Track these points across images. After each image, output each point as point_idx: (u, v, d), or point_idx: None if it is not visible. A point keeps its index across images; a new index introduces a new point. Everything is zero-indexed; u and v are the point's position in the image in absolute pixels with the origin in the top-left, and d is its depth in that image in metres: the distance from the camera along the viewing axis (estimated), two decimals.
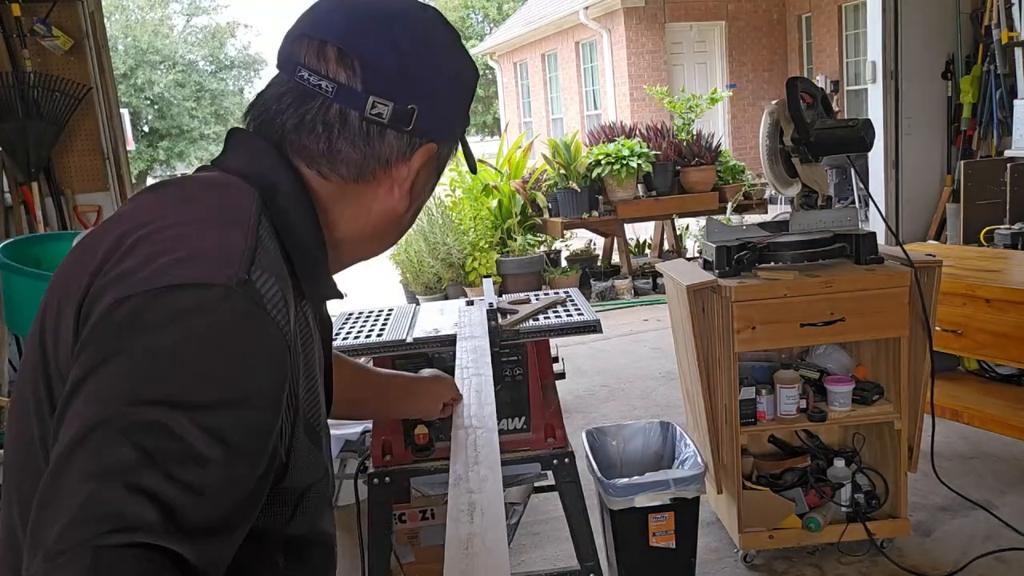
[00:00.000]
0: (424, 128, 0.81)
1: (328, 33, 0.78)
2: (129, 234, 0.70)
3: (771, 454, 2.74)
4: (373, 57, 0.78)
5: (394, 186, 0.83)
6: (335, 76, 0.77)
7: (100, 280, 0.68)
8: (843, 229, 2.52)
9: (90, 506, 0.56)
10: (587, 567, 2.11)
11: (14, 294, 2.56)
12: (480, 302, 2.23)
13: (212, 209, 0.73)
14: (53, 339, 0.71)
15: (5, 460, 0.76)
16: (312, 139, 0.79)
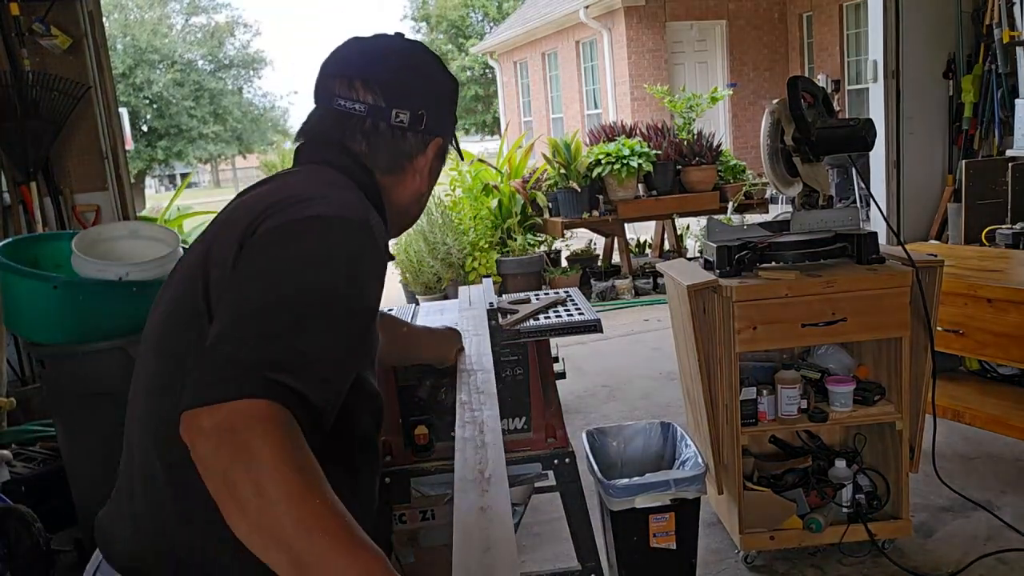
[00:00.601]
0: (432, 127, 1.10)
1: (351, 71, 1.08)
2: (272, 200, 0.95)
3: (772, 454, 2.73)
4: (388, 81, 1.07)
5: (416, 173, 1.12)
6: (364, 99, 1.06)
7: (259, 225, 0.91)
8: (844, 229, 2.51)
9: (258, 351, 0.79)
10: (588, 568, 2.10)
11: (13, 294, 2.55)
12: (478, 295, 2.22)
13: (329, 183, 1.01)
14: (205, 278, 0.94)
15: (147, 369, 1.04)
16: (356, 148, 1.07)
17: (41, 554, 2.64)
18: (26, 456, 3.11)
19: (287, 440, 0.75)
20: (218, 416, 0.75)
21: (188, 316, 0.94)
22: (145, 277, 2.55)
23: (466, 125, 24.39)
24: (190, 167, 25.49)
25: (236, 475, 0.73)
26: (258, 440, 0.74)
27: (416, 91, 1.09)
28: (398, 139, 1.08)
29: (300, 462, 0.75)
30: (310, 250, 0.88)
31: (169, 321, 0.98)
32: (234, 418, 0.75)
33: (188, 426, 0.77)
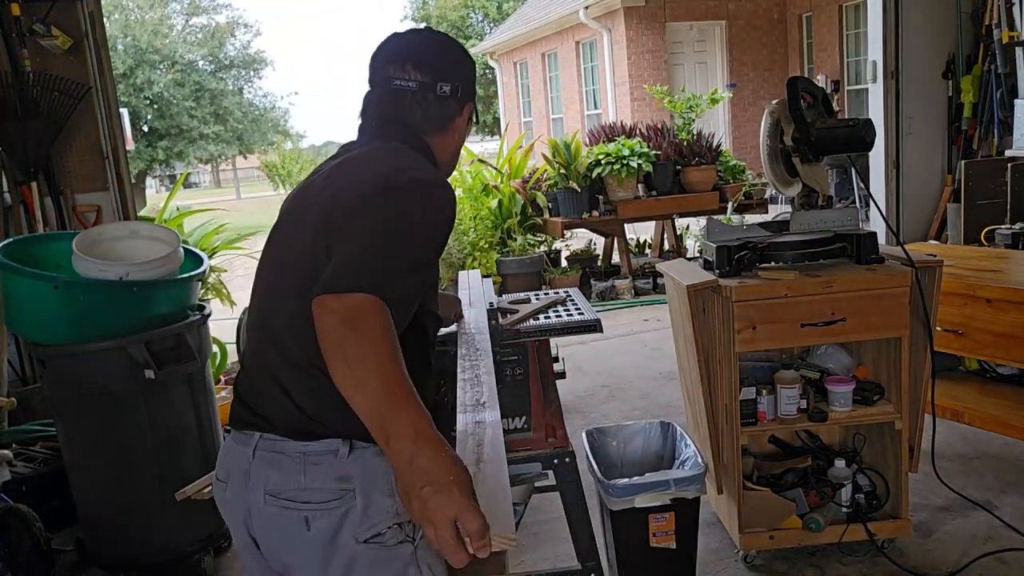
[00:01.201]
0: (465, 95, 1.44)
1: (401, 57, 1.41)
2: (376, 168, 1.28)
3: (772, 454, 2.73)
4: (432, 63, 1.40)
5: (455, 132, 1.45)
6: (415, 77, 1.39)
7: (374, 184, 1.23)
8: (844, 229, 2.52)
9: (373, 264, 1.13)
10: (587, 567, 2.10)
11: (14, 294, 2.55)
12: (477, 286, 2.23)
13: (405, 154, 1.34)
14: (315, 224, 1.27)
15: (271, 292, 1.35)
16: (413, 115, 1.39)
17: (42, 553, 2.64)
18: (27, 456, 3.11)
19: (386, 327, 1.09)
20: (344, 302, 1.09)
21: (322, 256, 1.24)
22: (145, 277, 2.55)
23: None
24: (190, 167, 25.49)
25: (348, 342, 1.06)
26: (369, 321, 1.07)
27: (452, 68, 1.42)
28: (443, 106, 1.41)
29: (391, 343, 1.08)
30: (413, 203, 1.23)
31: (310, 259, 1.26)
32: (353, 304, 1.08)
33: (321, 304, 1.10)
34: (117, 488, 2.61)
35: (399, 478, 1.03)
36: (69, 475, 2.70)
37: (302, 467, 1.26)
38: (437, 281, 1.43)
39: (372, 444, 1.19)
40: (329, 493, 1.25)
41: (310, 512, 1.25)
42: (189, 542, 2.69)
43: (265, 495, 1.28)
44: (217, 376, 4.22)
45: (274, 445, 1.28)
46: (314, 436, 1.26)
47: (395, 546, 1.27)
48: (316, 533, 1.26)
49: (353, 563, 1.26)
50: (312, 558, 1.27)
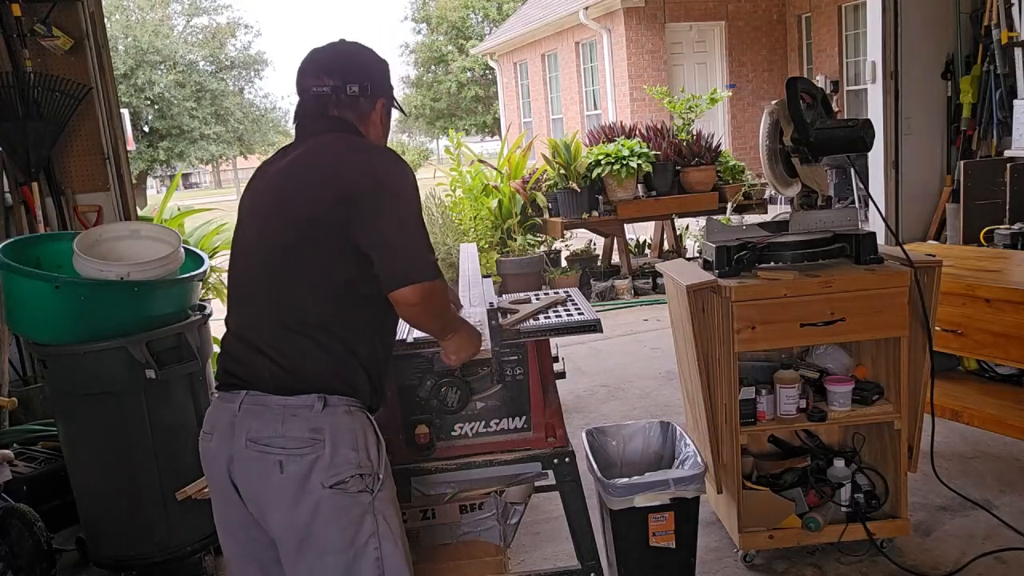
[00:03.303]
0: (375, 92, 1.68)
1: (315, 68, 1.66)
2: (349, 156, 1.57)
3: (771, 454, 2.74)
4: (341, 68, 1.65)
5: (372, 125, 1.69)
6: (327, 83, 1.63)
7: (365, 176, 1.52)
8: (843, 229, 2.52)
9: (422, 249, 1.52)
10: (587, 566, 2.11)
11: (15, 294, 2.55)
12: (479, 297, 2.23)
13: (364, 143, 1.64)
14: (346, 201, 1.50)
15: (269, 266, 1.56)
16: (338, 111, 1.63)
17: (43, 553, 2.65)
18: (28, 456, 3.12)
19: (445, 294, 1.59)
20: (419, 292, 1.49)
21: (313, 211, 1.50)
22: (146, 277, 2.56)
23: (466, 126, 24.39)
24: (191, 167, 25.48)
25: (431, 314, 1.59)
26: (437, 297, 1.55)
27: (358, 71, 1.65)
28: (355, 103, 1.65)
29: (449, 301, 1.67)
30: (406, 186, 1.54)
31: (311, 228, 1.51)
32: (428, 290, 1.51)
33: (402, 297, 1.50)
34: (118, 488, 2.62)
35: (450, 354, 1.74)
36: (70, 475, 2.70)
37: (281, 417, 1.49)
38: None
39: (343, 402, 1.52)
40: (302, 441, 1.48)
41: (284, 456, 1.48)
42: (189, 542, 2.70)
43: (246, 441, 1.50)
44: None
45: (257, 399, 1.51)
46: (294, 392, 1.50)
47: (355, 494, 1.51)
48: (288, 476, 1.48)
49: (319, 506, 1.48)
50: (284, 499, 1.49)
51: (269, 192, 1.61)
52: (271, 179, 1.63)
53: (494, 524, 2.25)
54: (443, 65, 24.72)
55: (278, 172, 1.62)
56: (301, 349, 1.51)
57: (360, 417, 1.55)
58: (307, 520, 1.49)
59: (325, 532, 1.50)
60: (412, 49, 26.05)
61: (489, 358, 1.98)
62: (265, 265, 1.55)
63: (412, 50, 26.04)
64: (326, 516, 1.49)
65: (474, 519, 2.25)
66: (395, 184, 1.52)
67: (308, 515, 1.49)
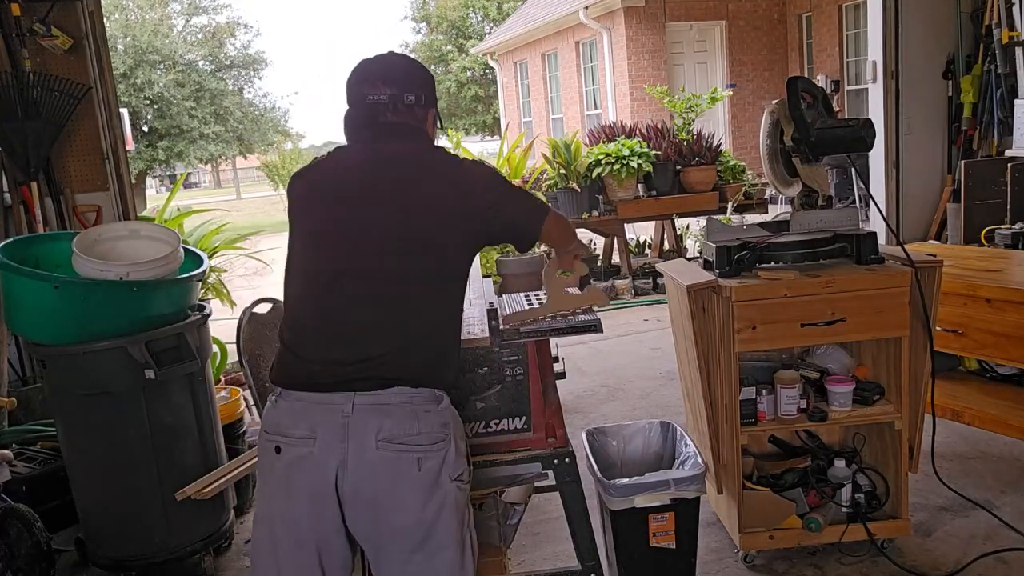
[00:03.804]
0: (427, 103, 1.73)
1: (374, 78, 1.69)
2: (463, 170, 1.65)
3: (771, 454, 2.73)
4: (399, 79, 1.69)
5: (426, 131, 1.73)
6: (385, 92, 1.67)
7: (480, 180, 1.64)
8: (843, 229, 2.52)
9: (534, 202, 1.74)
10: (587, 567, 2.10)
11: (14, 294, 2.55)
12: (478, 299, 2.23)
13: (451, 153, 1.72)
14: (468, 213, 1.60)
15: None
16: (397, 118, 1.67)
17: (42, 553, 2.64)
18: (27, 456, 3.11)
19: (564, 219, 1.84)
20: (549, 222, 1.72)
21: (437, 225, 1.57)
22: (145, 277, 2.55)
23: (466, 125, 24.37)
24: (190, 167, 25.44)
25: (564, 232, 1.85)
26: (563, 222, 1.82)
27: (414, 82, 1.71)
28: (412, 112, 1.69)
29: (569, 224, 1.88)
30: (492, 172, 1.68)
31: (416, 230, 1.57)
32: (555, 218, 1.75)
33: (548, 228, 1.72)
34: (117, 488, 2.61)
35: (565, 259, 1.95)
36: (69, 475, 2.70)
37: (415, 414, 1.51)
38: None
39: (447, 396, 1.59)
40: (437, 436, 1.52)
41: (423, 454, 1.50)
42: (189, 542, 2.69)
43: (377, 442, 1.48)
44: (217, 376, 4.21)
45: (378, 398, 1.50)
46: (421, 385, 1.53)
47: (466, 486, 1.60)
48: (425, 473, 1.50)
49: (446, 499, 1.53)
50: (418, 496, 1.51)
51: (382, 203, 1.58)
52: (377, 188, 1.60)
53: (494, 524, 2.24)
54: (443, 65, 24.70)
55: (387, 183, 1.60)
56: (421, 348, 1.55)
57: (455, 410, 1.62)
58: (434, 516, 1.52)
59: (447, 527, 1.54)
60: (412, 49, 26.03)
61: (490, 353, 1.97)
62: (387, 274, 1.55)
63: (412, 49, 26.02)
64: (449, 511, 1.54)
65: (474, 519, 2.25)
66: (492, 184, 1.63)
67: (435, 511, 1.52)
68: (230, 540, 2.92)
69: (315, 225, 1.63)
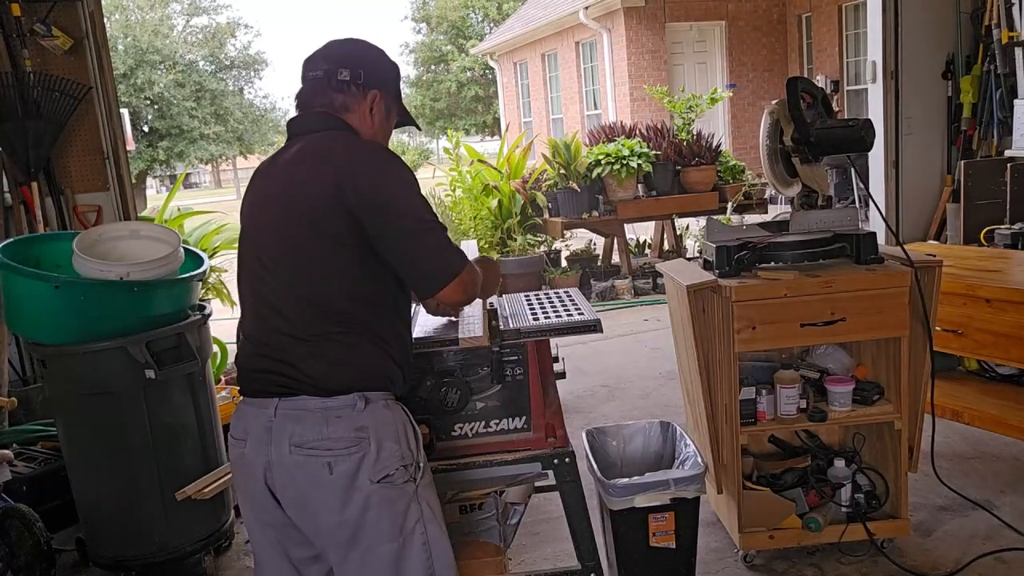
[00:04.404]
0: (368, 83, 1.66)
1: (316, 57, 1.68)
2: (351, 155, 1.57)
3: (771, 454, 2.73)
4: (335, 55, 1.68)
5: (364, 114, 1.67)
6: (321, 68, 1.66)
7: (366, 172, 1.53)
8: (843, 229, 2.52)
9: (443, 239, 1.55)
10: (587, 567, 2.10)
11: (14, 294, 2.55)
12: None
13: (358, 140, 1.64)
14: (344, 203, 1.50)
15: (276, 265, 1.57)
16: (328, 96, 1.64)
17: (42, 553, 2.65)
18: (27, 456, 3.11)
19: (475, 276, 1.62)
20: (457, 288, 1.55)
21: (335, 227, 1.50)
22: (146, 277, 2.56)
23: (466, 125, 24.37)
24: (192, 168, 25.44)
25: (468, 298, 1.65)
26: (471, 282, 1.60)
27: (353, 59, 1.66)
28: (344, 87, 1.64)
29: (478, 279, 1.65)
30: (410, 182, 1.56)
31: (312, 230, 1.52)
32: (463, 283, 1.56)
33: (444, 298, 1.57)
34: (117, 488, 2.62)
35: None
36: (69, 475, 2.70)
37: (324, 420, 1.51)
38: None
39: (382, 397, 1.56)
40: (348, 441, 1.51)
41: (333, 458, 1.50)
42: (189, 542, 2.69)
43: (290, 446, 1.52)
44: (217, 376, 4.22)
45: (294, 404, 1.52)
46: (333, 393, 1.52)
47: (402, 485, 1.56)
48: (337, 476, 1.51)
49: (369, 501, 1.52)
50: (334, 499, 1.52)
51: (278, 201, 1.57)
52: (276, 186, 1.60)
53: (494, 524, 2.24)
54: (443, 65, 24.70)
55: (283, 180, 1.59)
56: (338, 352, 1.53)
57: (397, 410, 1.61)
58: (357, 516, 1.53)
59: (376, 525, 1.54)
60: (412, 49, 26.04)
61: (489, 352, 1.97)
62: (290, 275, 1.55)
63: (412, 50, 26.03)
64: (376, 510, 1.53)
65: (474, 519, 2.25)
66: (400, 192, 1.53)
67: (358, 511, 1.52)
68: (230, 540, 2.92)
69: (243, 232, 1.68)
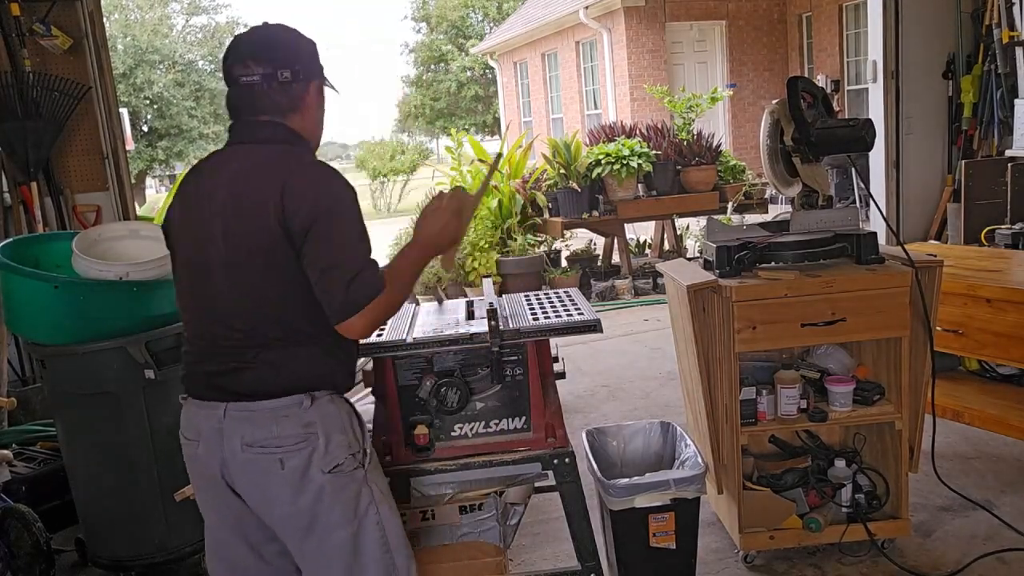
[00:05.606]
0: (306, 74, 1.64)
1: (242, 54, 1.61)
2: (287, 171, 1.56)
3: (772, 454, 2.73)
4: (268, 54, 1.60)
5: (307, 108, 1.66)
6: (256, 71, 1.59)
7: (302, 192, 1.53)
8: (844, 229, 2.52)
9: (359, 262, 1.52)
10: (587, 567, 2.10)
11: (14, 294, 2.55)
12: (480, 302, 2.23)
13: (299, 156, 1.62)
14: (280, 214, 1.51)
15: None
16: (273, 102, 1.61)
17: (42, 553, 2.64)
18: (27, 456, 3.11)
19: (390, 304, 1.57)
20: (364, 318, 1.52)
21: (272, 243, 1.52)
22: (145, 277, 2.55)
23: (466, 125, 24.37)
24: (190, 167, 25.39)
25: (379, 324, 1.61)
26: (383, 312, 1.55)
27: (288, 55, 1.61)
28: (288, 90, 1.61)
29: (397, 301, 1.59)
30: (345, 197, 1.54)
31: (254, 243, 1.54)
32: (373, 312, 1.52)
33: (349, 328, 1.53)
34: (117, 488, 2.61)
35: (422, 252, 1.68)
36: (69, 475, 2.70)
37: (273, 420, 1.58)
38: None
39: (326, 394, 1.62)
40: (298, 437, 1.58)
41: (283, 454, 1.58)
42: (189, 542, 2.69)
43: (242, 446, 1.58)
44: None
45: (242, 407, 1.58)
46: (279, 395, 1.58)
47: (351, 472, 1.63)
48: (289, 471, 1.58)
49: (322, 492, 1.59)
50: (287, 491, 1.59)
51: (223, 212, 1.57)
52: (221, 196, 1.58)
53: (494, 524, 2.24)
54: (443, 64, 24.69)
55: (229, 191, 1.57)
56: (281, 356, 1.58)
57: (341, 403, 1.67)
58: (311, 505, 1.60)
59: (330, 512, 1.61)
60: (412, 48, 26.03)
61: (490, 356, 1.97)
62: (234, 284, 1.57)
63: (412, 49, 26.02)
64: (329, 498, 1.60)
65: (474, 520, 2.25)
66: (336, 209, 1.53)
67: (312, 501, 1.59)
68: None
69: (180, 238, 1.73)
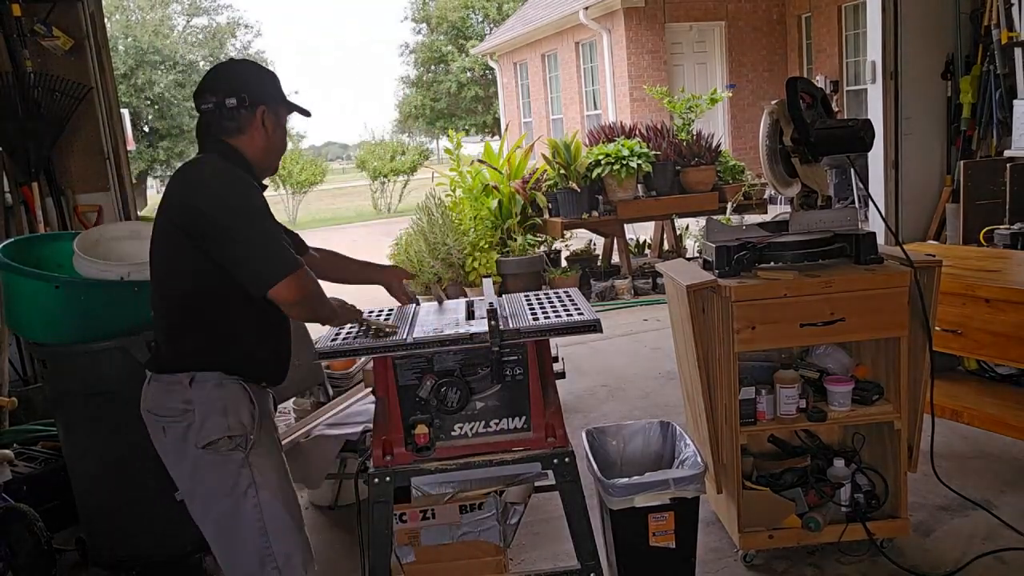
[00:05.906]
0: (253, 101, 1.86)
1: (203, 87, 1.88)
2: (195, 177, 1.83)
3: (771, 454, 2.74)
4: (218, 86, 1.87)
5: (255, 131, 1.89)
6: (209, 100, 1.85)
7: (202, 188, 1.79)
8: (843, 229, 2.52)
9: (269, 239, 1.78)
10: (587, 567, 2.11)
11: (15, 294, 2.55)
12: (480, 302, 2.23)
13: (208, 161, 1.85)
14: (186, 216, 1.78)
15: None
16: (222, 126, 1.87)
17: (43, 553, 2.65)
18: (28, 456, 3.12)
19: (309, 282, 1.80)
20: (291, 285, 1.74)
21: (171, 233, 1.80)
22: (146, 277, 2.53)
23: (466, 126, 24.38)
24: None
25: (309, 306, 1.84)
26: (307, 281, 1.79)
27: (236, 86, 1.86)
28: (235, 115, 1.85)
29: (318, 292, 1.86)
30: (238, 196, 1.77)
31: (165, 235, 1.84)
32: (296, 281, 1.75)
33: (276, 294, 1.74)
34: (118, 488, 2.62)
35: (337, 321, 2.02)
36: (70, 475, 2.70)
37: (164, 391, 1.85)
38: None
39: (214, 377, 1.83)
40: (176, 411, 1.83)
41: (166, 423, 1.85)
42: (189, 541, 2.69)
43: (144, 410, 1.89)
44: None
45: (153, 377, 1.89)
46: (171, 371, 1.85)
47: (227, 452, 1.84)
48: (170, 438, 1.85)
49: (197, 463, 1.84)
50: (171, 456, 1.88)
51: (159, 209, 1.86)
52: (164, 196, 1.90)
53: (494, 524, 2.25)
54: (443, 65, 24.70)
55: (166, 191, 1.89)
56: (178, 336, 1.87)
57: (233, 388, 1.85)
58: (190, 472, 1.86)
59: (206, 482, 1.85)
60: (412, 49, 26.05)
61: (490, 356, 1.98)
62: (155, 271, 1.89)
63: (412, 50, 26.04)
64: (204, 470, 1.84)
65: (474, 519, 2.25)
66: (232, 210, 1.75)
67: (190, 469, 1.85)
68: None
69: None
